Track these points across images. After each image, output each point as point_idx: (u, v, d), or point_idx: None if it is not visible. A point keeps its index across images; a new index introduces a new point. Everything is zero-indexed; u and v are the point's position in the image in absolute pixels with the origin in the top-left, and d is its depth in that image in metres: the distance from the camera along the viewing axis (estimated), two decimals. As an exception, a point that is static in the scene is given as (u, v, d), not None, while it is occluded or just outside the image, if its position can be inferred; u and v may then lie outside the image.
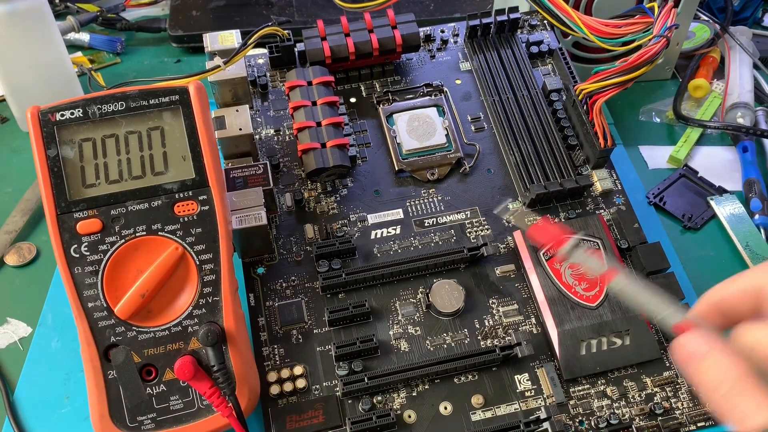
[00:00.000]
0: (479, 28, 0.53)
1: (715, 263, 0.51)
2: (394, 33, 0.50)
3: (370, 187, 0.47)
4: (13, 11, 0.52)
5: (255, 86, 0.51)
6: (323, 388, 0.40)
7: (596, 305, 0.42)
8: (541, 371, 0.41)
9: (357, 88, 0.52)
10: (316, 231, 0.45)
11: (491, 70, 0.52)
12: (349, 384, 0.39)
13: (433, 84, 0.52)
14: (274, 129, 0.50)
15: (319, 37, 0.50)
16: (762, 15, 0.72)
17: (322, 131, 0.46)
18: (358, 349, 0.40)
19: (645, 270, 0.43)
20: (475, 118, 0.51)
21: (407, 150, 0.48)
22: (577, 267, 0.43)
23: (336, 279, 0.42)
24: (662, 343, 0.42)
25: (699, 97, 0.63)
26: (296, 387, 0.40)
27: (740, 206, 0.54)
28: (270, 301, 0.43)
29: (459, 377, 0.41)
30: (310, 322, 0.42)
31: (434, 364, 0.40)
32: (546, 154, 0.48)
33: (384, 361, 0.41)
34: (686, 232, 0.54)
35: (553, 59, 0.54)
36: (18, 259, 0.50)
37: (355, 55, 0.50)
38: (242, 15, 0.70)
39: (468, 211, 0.47)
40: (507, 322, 0.43)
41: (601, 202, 0.48)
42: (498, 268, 0.44)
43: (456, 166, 0.48)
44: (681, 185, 0.56)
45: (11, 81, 0.56)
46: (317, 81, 0.48)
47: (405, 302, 0.43)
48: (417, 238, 0.46)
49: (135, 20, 0.72)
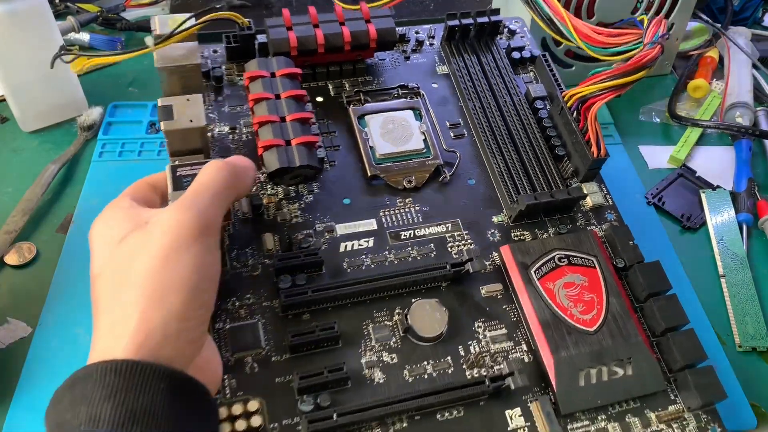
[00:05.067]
0: (458, 30, 0.49)
1: (714, 263, 0.51)
2: (368, 27, 0.45)
3: (339, 195, 0.42)
4: (13, 11, 0.52)
5: (208, 79, 0.45)
6: (283, 427, 0.33)
7: (594, 330, 0.37)
8: (535, 405, 0.36)
9: (324, 86, 0.47)
10: (276, 241, 0.39)
11: (470, 75, 0.48)
12: (314, 422, 0.32)
13: (408, 86, 0.47)
14: (229, 126, 0.44)
15: (285, 27, 0.44)
16: (762, 15, 0.73)
17: (287, 127, 0.40)
18: (326, 379, 0.34)
19: (645, 291, 0.39)
20: (454, 125, 0.46)
21: (381, 155, 0.43)
22: (572, 287, 0.38)
23: (300, 297, 0.36)
24: (666, 373, 0.38)
25: (699, 97, 0.64)
26: (250, 425, 0.33)
27: (728, 201, 0.55)
28: (220, 322, 0.36)
29: (442, 413, 0.35)
30: (267, 348, 0.36)
31: (414, 398, 0.34)
32: (532, 165, 0.44)
33: (355, 395, 0.35)
34: (685, 232, 0.54)
35: (536, 67, 0.50)
36: (18, 259, 0.50)
37: (324, 48, 0.44)
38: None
39: (449, 223, 0.42)
40: (495, 348, 0.37)
41: (593, 217, 0.43)
42: (484, 288, 0.39)
43: (435, 174, 0.43)
44: (679, 185, 0.56)
45: (11, 81, 0.56)
46: (282, 72, 0.42)
47: (379, 325, 0.37)
48: (392, 252, 0.40)
49: (135, 20, 0.71)
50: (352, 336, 0.37)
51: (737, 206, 0.55)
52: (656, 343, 0.39)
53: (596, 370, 0.36)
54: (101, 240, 0.33)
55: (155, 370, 0.28)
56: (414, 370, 0.36)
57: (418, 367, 0.36)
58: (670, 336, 0.37)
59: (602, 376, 0.36)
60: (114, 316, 0.30)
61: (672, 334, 0.38)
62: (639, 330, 0.38)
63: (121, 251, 0.31)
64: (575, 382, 0.36)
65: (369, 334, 0.37)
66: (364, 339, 0.37)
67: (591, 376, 0.36)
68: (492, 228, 0.42)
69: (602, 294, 0.39)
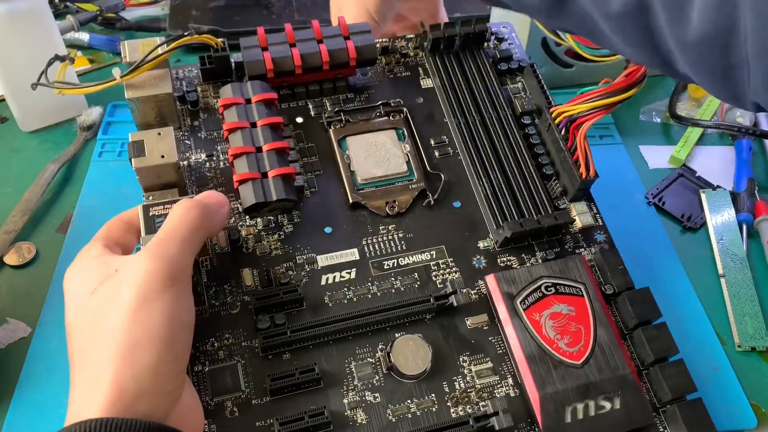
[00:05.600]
0: (442, 41, 0.47)
1: (714, 263, 0.51)
2: (347, 44, 0.43)
3: (321, 223, 0.41)
4: (13, 11, 0.52)
5: (184, 103, 0.44)
6: (263, 475, 0.33)
7: (581, 362, 0.37)
8: (521, 443, 0.35)
9: (304, 106, 0.45)
10: (255, 276, 0.38)
11: (455, 89, 0.46)
12: (295, 470, 0.32)
13: (391, 103, 0.45)
14: (206, 153, 0.42)
15: (260, 47, 0.43)
16: None
17: (263, 158, 0.39)
18: (306, 425, 0.33)
19: (634, 320, 0.38)
20: (439, 142, 0.45)
21: (363, 179, 0.42)
22: (559, 317, 0.38)
23: (279, 338, 0.35)
24: (655, 405, 0.37)
25: (699, 97, 0.63)
26: (230, 475, 0.32)
27: (728, 201, 0.55)
28: (199, 365, 0.35)
29: (426, 453, 0.34)
30: (247, 390, 0.35)
31: (397, 438, 0.34)
32: (519, 185, 0.42)
33: (337, 438, 0.34)
34: (686, 232, 0.53)
35: (524, 77, 0.48)
36: (18, 259, 0.50)
37: (302, 69, 0.43)
38: (242, 15, 0.70)
39: (433, 250, 0.41)
40: (481, 383, 0.37)
41: (581, 239, 0.42)
42: (469, 319, 0.38)
43: (419, 198, 0.42)
44: (679, 185, 0.56)
45: (11, 81, 0.56)
46: (257, 98, 0.40)
47: (362, 363, 0.37)
48: (375, 284, 0.39)
49: (135, 20, 0.71)
50: (335, 375, 0.36)
51: (737, 206, 0.55)
52: (645, 373, 0.38)
53: (583, 405, 0.36)
54: (72, 291, 0.32)
55: (130, 426, 0.28)
56: (398, 409, 0.35)
57: (401, 406, 0.36)
58: (659, 367, 0.37)
59: (589, 411, 0.36)
60: (86, 374, 0.29)
61: (661, 365, 0.37)
62: (627, 361, 0.37)
63: (91, 305, 0.31)
64: (562, 418, 0.35)
65: (351, 372, 0.36)
66: (347, 378, 0.36)
67: (578, 411, 0.35)
68: (478, 254, 0.41)
69: (590, 325, 0.38)
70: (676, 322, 0.44)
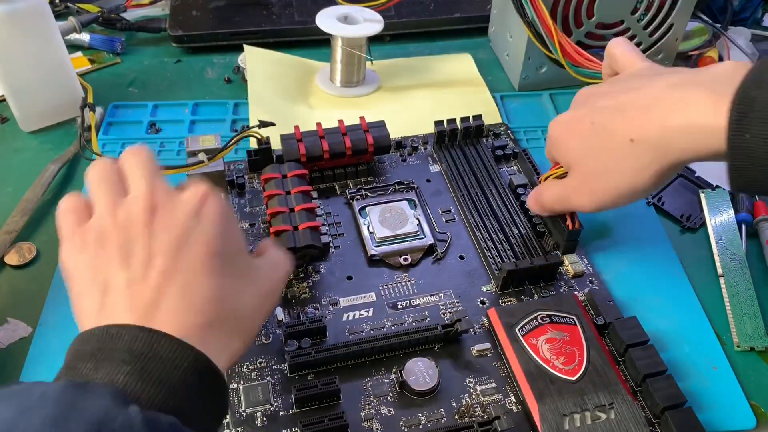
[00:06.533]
0: (446, 134, 0.57)
1: (713, 263, 0.51)
2: (366, 135, 0.53)
3: (343, 273, 0.47)
4: (13, 11, 0.52)
5: (233, 187, 0.53)
6: (287, 473, 0.37)
7: (576, 378, 0.40)
8: (524, 451, 0.38)
9: (332, 187, 0.54)
10: (286, 314, 0.44)
11: (459, 170, 0.55)
12: (315, 465, 0.36)
13: (404, 182, 0.54)
14: (249, 223, 0.51)
15: (296, 139, 0.53)
16: (762, 15, 0.73)
17: (295, 216, 0.47)
18: (326, 427, 0.37)
19: (624, 344, 0.42)
20: (445, 211, 0.52)
21: (380, 238, 0.49)
22: (554, 342, 0.42)
23: (305, 358, 0.41)
24: (651, 420, 0.40)
25: None
26: (258, 471, 0.36)
27: (727, 201, 0.55)
28: (234, 383, 0.41)
29: (436, 459, 0.38)
30: (276, 404, 0.40)
31: (409, 445, 0.37)
32: (516, 240, 0.49)
33: (354, 443, 0.38)
34: (685, 232, 0.54)
35: (518, 161, 0.57)
36: (18, 259, 0.50)
37: (329, 154, 0.52)
38: (242, 15, 0.71)
39: (441, 293, 0.46)
40: (486, 401, 0.40)
41: (575, 284, 0.47)
42: (474, 347, 0.43)
43: (428, 252, 0.49)
44: (679, 185, 0.56)
45: (11, 81, 0.56)
46: (292, 174, 0.50)
47: (377, 382, 0.41)
48: (390, 319, 0.45)
49: (135, 20, 0.72)
50: (353, 392, 0.41)
51: (736, 206, 0.55)
52: (639, 391, 0.41)
53: (580, 415, 0.39)
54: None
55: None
56: (409, 421, 0.39)
57: (412, 419, 0.39)
58: (649, 382, 0.40)
59: (586, 420, 0.39)
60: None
61: (651, 380, 0.40)
62: (620, 379, 0.40)
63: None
64: (561, 427, 0.38)
65: (368, 390, 0.41)
66: (364, 395, 0.40)
67: (575, 420, 0.38)
68: (481, 296, 0.46)
69: (583, 347, 0.42)
70: (675, 322, 0.46)
